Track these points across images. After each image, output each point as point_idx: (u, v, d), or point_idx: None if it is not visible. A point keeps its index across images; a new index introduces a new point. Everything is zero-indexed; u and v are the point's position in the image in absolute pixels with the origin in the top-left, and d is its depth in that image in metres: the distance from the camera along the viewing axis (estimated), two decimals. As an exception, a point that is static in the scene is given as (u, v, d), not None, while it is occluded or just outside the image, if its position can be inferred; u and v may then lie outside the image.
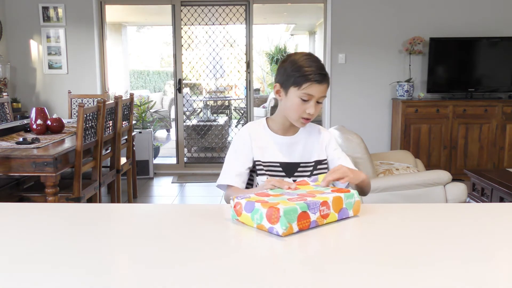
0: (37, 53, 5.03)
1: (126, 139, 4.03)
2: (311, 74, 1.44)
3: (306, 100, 1.46)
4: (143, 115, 5.46)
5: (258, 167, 1.53)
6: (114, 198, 3.73)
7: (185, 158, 5.46)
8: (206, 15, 5.24)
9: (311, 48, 9.86)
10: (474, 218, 1.30)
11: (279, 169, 1.54)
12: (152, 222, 1.25)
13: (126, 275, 0.93)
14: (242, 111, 7.15)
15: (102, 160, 3.22)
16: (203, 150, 5.85)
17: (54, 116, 3.35)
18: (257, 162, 1.54)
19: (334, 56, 5.01)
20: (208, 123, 5.96)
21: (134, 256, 1.02)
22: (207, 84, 6.65)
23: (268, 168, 1.53)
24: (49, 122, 3.24)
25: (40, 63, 5.05)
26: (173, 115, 7.79)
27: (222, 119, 6.49)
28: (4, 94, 4.55)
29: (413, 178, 2.84)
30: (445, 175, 2.83)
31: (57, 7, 4.93)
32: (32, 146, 2.76)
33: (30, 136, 3.10)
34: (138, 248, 1.06)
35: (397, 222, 1.25)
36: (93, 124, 3.01)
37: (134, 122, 4.62)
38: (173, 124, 8.09)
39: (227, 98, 7.29)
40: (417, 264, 0.95)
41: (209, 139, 5.88)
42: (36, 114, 3.19)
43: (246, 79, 5.32)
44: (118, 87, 8.39)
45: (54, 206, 1.52)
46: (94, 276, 0.90)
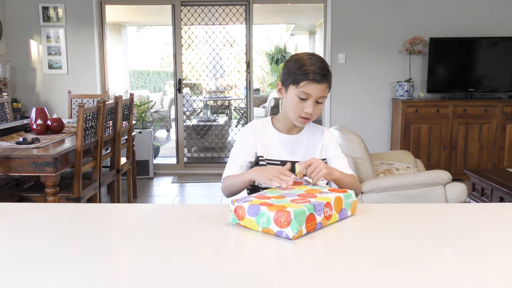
0: (37, 53, 5.03)
1: (126, 139, 4.03)
2: (310, 73, 1.44)
3: (304, 99, 1.46)
4: (143, 115, 5.46)
5: (261, 163, 1.55)
6: (114, 198, 3.73)
7: (185, 158, 5.46)
8: (206, 15, 5.24)
9: (311, 48, 9.85)
10: (474, 218, 1.30)
11: (281, 166, 1.53)
12: (152, 222, 1.25)
13: (126, 275, 0.93)
14: (242, 111, 7.15)
15: (102, 160, 3.22)
16: (203, 150, 5.85)
17: (54, 116, 3.35)
18: (260, 158, 1.55)
19: (334, 56, 5.01)
20: (208, 123, 5.96)
21: (134, 256, 1.02)
22: (207, 84, 6.65)
23: (270, 165, 1.54)
24: (49, 122, 3.24)
25: (40, 63, 5.05)
26: (173, 115, 7.79)
27: (222, 119, 6.49)
28: (4, 94, 4.55)
29: (413, 178, 2.84)
30: (445, 175, 2.83)
31: (57, 7, 4.93)
32: (32, 146, 2.76)
33: (30, 136, 3.10)
34: (138, 248, 1.06)
35: (397, 222, 1.25)
36: (93, 124, 3.01)
37: (134, 122, 4.62)
38: (173, 124, 8.09)
39: (227, 98, 7.29)
40: (417, 264, 0.96)
41: (209, 139, 5.88)
42: (36, 114, 3.19)
43: (246, 79, 5.32)
44: (118, 87, 8.39)
45: (54, 206, 1.52)
46: (94, 276, 0.90)
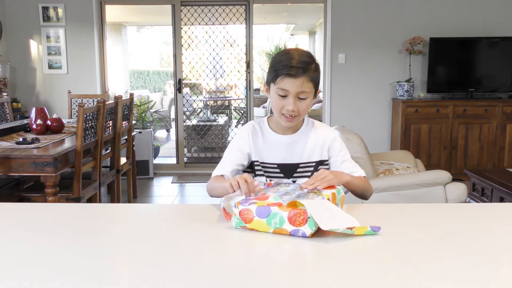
0: (37, 53, 5.03)
1: (126, 139, 4.03)
2: (283, 68, 1.37)
3: (282, 95, 1.40)
4: (143, 115, 5.46)
5: (256, 168, 1.51)
6: (114, 198, 3.73)
7: (185, 158, 5.46)
8: (206, 15, 5.23)
9: (311, 48, 9.85)
10: (474, 218, 1.30)
11: (277, 170, 1.50)
12: (152, 222, 1.25)
13: (126, 275, 0.93)
14: (242, 111, 7.15)
15: (102, 160, 3.22)
16: (203, 150, 5.85)
17: (54, 116, 3.35)
18: (255, 163, 1.51)
19: (334, 56, 5.00)
20: (208, 123, 5.96)
21: (134, 256, 1.02)
22: (207, 84, 6.64)
23: (266, 169, 1.51)
24: (49, 122, 3.24)
25: (40, 63, 5.05)
26: (173, 115, 7.79)
27: (222, 119, 6.48)
28: (4, 94, 4.55)
29: (413, 178, 2.84)
30: (445, 175, 2.83)
31: (57, 7, 4.93)
32: (32, 146, 2.76)
33: (30, 136, 3.10)
34: (138, 248, 1.05)
35: (397, 222, 1.24)
36: (93, 124, 3.01)
37: (134, 122, 4.61)
38: (173, 124, 8.09)
39: (227, 98, 7.28)
40: (417, 264, 0.95)
41: (209, 139, 5.88)
42: (36, 114, 3.19)
43: (246, 79, 5.32)
44: (118, 87, 8.39)
45: (54, 206, 1.52)
46: (94, 276, 0.90)
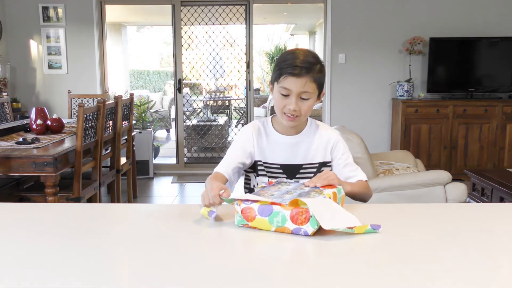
0: (37, 53, 5.03)
1: (126, 139, 4.03)
2: (287, 67, 1.38)
3: (285, 95, 1.40)
4: (143, 115, 5.46)
5: (259, 167, 1.51)
6: (114, 198, 3.73)
7: (185, 158, 5.46)
8: (206, 15, 5.23)
9: (311, 48, 9.86)
10: (474, 218, 1.30)
11: (280, 170, 1.51)
12: (152, 222, 1.25)
13: (126, 275, 0.93)
14: (242, 111, 7.15)
15: (102, 160, 3.22)
16: (203, 150, 5.85)
17: (54, 116, 3.35)
18: (258, 162, 1.51)
19: (334, 56, 5.00)
20: (208, 123, 5.96)
21: (134, 256, 1.02)
22: (207, 84, 6.64)
23: (269, 169, 1.51)
24: (49, 122, 3.24)
25: (40, 63, 5.05)
26: (173, 115, 7.79)
27: (222, 119, 6.48)
28: (4, 94, 4.55)
29: (413, 178, 2.84)
30: (445, 175, 2.83)
31: (57, 7, 4.92)
32: (32, 146, 2.76)
33: (30, 136, 3.10)
34: (138, 248, 1.05)
35: (397, 222, 1.24)
36: (93, 124, 3.01)
37: (134, 122, 4.61)
38: (173, 124, 8.09)
39: (227, 98, 7.28)
40: (417, 263, 0.95)
41: (209, 139, 5.88)
42: (36, 114, 3.19)
43: (246, 79, 5.32)
44: (118, 87, 8.39)
45: (54, 206, 1.51)
46: (94, 276, 0.90)
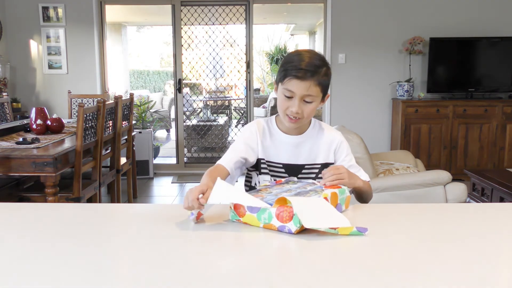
0: (37, 53, 5.03)
1: (126, 139, 4.03)
2: (292, 69, 1.38)
3: (288, 96, 1.40)
4: (143, 115, 5.46)
5: (262, 166, 1.51)
6: (114, 198, 3.73)
7: (185, 158, 5.46)
8: (206, 15, 5.23)
9: (311, 48, 9.85)
10: (474, 218, 1.30)
11: (282, 170, 1.51)
12: (152, 222, 1.25)
13: (126, 275, 0.93)
14: (242, 111, 7.15)
15: (102, 160, 3.22)
16: (203, 150, 5.85)
17: (54, 116, 3.35)
18: (262, 161, 1.52)
19: (334, 56, 5.00)
20: (208, 123, 5.96)
21: (134, 256, 1.02)
22: (207, 84, 6.64)
23: (271, 168, 1.52)
24: (49, 122, 3.24)
25: (40, 63, 5.05)
26: (173, 115, 7.79)
27: (222, 119, 6.48)
28: (4, 94, 4.55)
29: (413, 178, 2.84)
30: (445, 175, 2.83)
31: (57, 7, 4.93)
32: (32, 146, 2.76)
33: (30, 136, 3.10)
34: (138, 248, 1.06)
35: (397, 222, 1.24)
36: (93, 124, 3.01)
37: (134, 122, 4.61)
38: (173, 124, 8.09)
39: (227, 98, 7.28)
40: (417, 263, 0.95)
41: (209, 139, 5.88)
42: (36, 114, 3.19)
43: (246, 79, 5.32)
44: (118, 87, 8.39)
45: (54, 206, 1.51)
46: (94, 275, 0.90)
